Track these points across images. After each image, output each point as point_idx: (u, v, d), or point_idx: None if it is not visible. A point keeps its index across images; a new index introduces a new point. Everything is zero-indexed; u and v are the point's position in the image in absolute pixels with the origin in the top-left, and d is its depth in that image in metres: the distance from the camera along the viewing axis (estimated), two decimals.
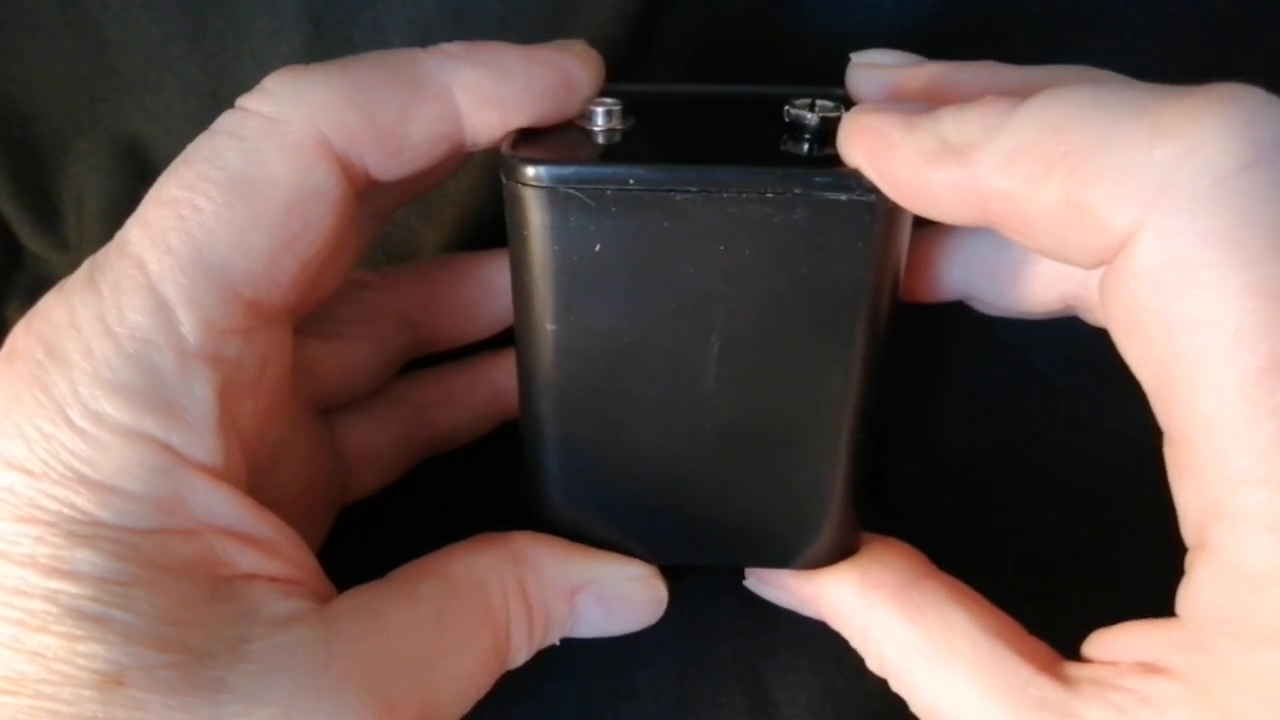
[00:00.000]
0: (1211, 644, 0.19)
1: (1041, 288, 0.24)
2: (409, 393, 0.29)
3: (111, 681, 0.18)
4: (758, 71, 0.28)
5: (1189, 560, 0.19)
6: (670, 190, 0.20)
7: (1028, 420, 0.31)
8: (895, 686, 0.23)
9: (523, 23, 0.28)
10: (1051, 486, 0.31)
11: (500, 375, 0.29)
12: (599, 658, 0.27)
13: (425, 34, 0.28)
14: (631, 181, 0.20)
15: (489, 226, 0.29)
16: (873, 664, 0.24)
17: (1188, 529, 0.19)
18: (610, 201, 0.20)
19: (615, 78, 0.23)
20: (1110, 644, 0.21)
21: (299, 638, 0.20)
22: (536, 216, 0.21)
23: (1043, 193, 0.18)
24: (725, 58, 0.29)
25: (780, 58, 0.28)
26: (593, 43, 0.23)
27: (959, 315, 0.27)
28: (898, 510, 0.30)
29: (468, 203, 0.30)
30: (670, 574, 0.25)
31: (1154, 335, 0.18)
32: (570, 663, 0.27)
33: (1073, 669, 0.21)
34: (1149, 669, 0.20)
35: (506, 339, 0.27)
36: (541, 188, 0.20)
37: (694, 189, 0.20)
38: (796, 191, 0.20)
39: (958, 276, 0.25)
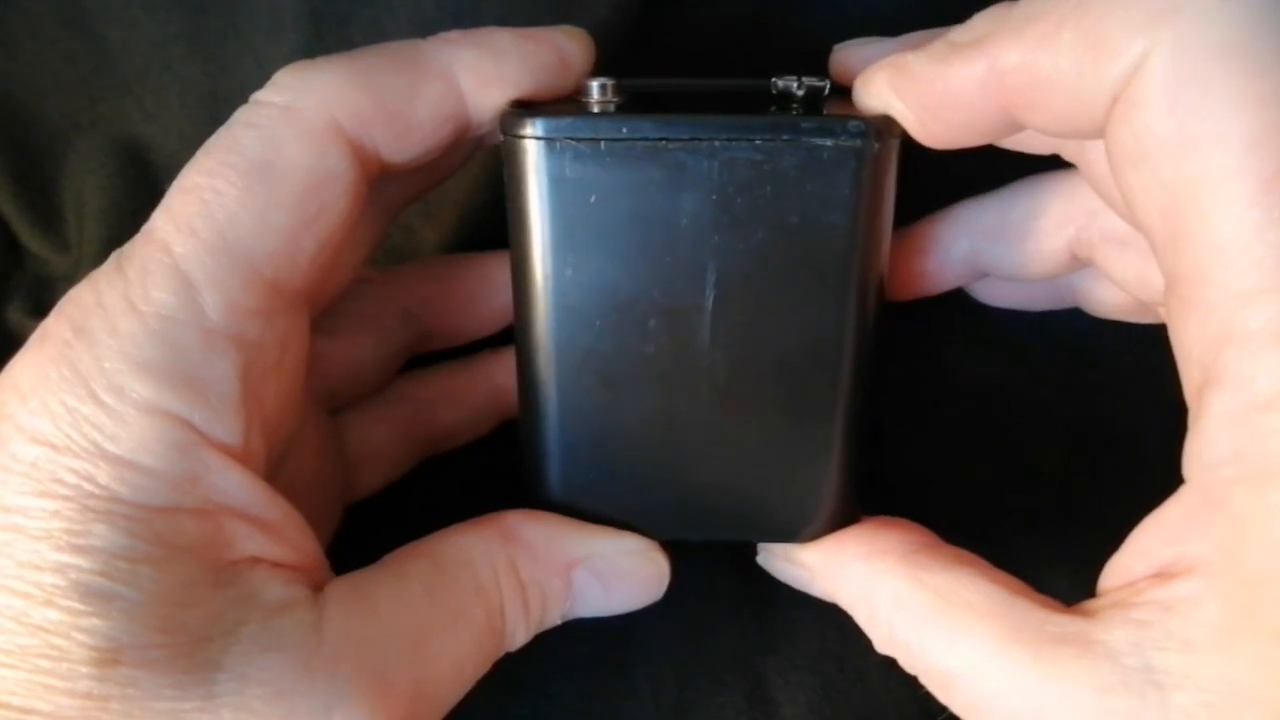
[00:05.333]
0: (1226, 495, 0.18)
1: (1048, 237, 0.24)
2: (410, 390, 0.29)
3: (108, 658, 0.18)
4: (756, 68, 0.28)
5: (1193, 411, 0.18)
6: (663, 139, 0.21)
7: (1026, 419, 0.31)
8: (905, 660, 0.22)
9: (521, 22, 0.27)
10: (1051, 484, 0.31)
11: (500, 374, 0.29)
12: (599, 657, 0.27)
13: (425, 33, 0.28)
14: (625, 131, 0.21)
15: (489, 227, 0.29)
16: (880, 640, 0.23)
17: (1191, 373, 0.18)
18: (605, 152, 0.21)
19: (613, 75, 0.24)
20: (1124, 564, 0.20)
21: (291, 621, 0.20)
22: (533, 168, 0.21)
23: (1057, 47, 0.18)
24: (723, 56, 0.29)
25: (778, 56, 0.28)
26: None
27: (958, 313, 0.27)
28: (897, 509, 0.30)
29: (468, 203, 0.30)
30: (672, 553, 0.25)
31: (1164, 159, 0.18)
32: (570, 662, 0.27)
33: (1089, 604, 0.20)
34: (1165, 575, 0.19)
35: (507, 338, 0.27)
36: (538, 139, 0.21)
37: (685, 138, 0.21)
38: (784, 138, 0.21)
39: (965, 246, 0.25)
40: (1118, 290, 0.25)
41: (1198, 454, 0.18)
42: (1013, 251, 0.25)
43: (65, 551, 0.18)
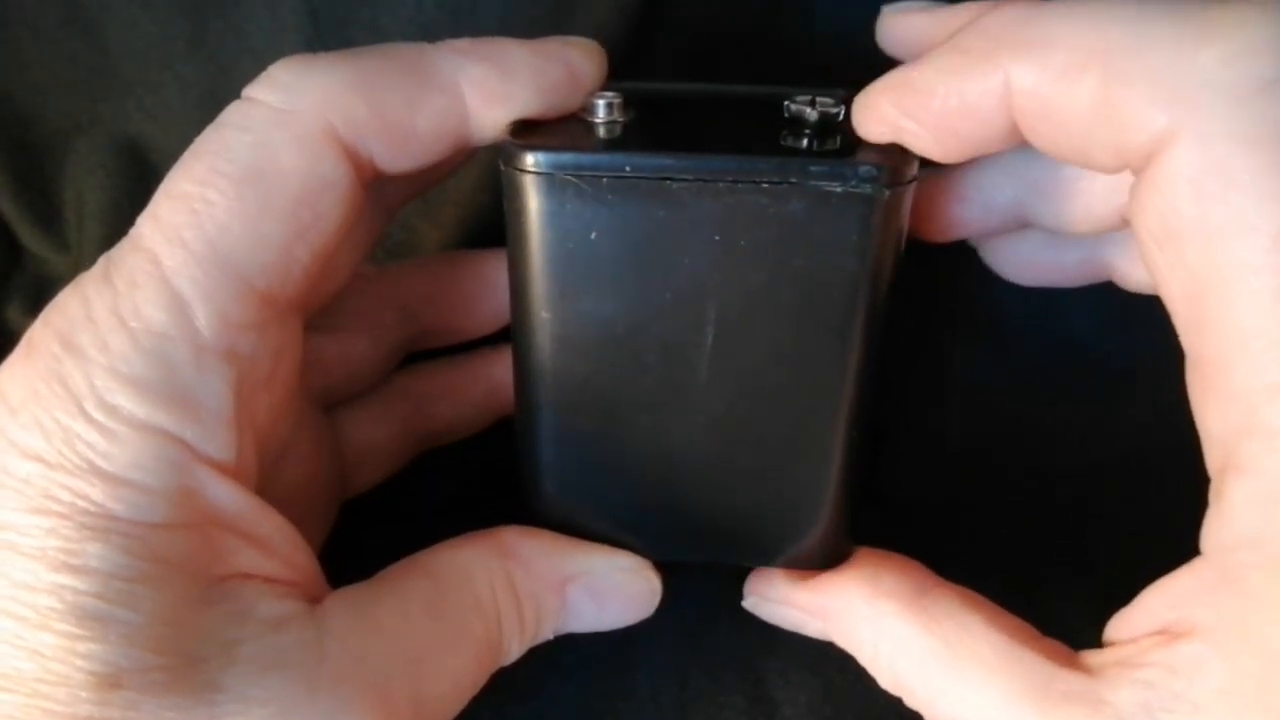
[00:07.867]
0: (1242, 576, 0.18)
1: (1103, 197, 0.23)
2: (408, 386, 0.29)
3: (108, 683, 0.18)
4: (758, 71, 0.28)
5: (1214, 488, 0.19)
6: (666, 178, 0.20)
7: (1027, 419, 0.31)
8: (911, 701, 0.23)
9: (523, 23, 0.28)
10: (1051, 485, 0.30)
11: (499, 371, 0.29)
12: (598, 658, 0.27)
13: (425, 34, 0.28)
14: (628, 169, 0.20)
15: (489, 226, 0.29)
16: (885, 681, 0.23)
17: (1213, 453, 0.19)
18: (606, 189, 0.20)
19: (614, 77, 0.24)
20: (1131, 619, 0.20)
21: (291, 639, 0.20)
22: (533, 203, 0.21)
23: (1076, 89, 0.18)
24: (725, 57, 0.29)
25: (780, 56, 0.28)
26: None
27: (959, 314, 0.27)
28: (896, 508, 0.30)
29: (468, 203, 0.30)
30: (666, 569, 0.25)
31: (1189, 244, 0.18)
32: (569, 663, 0.27)
33: (1094, 657, 0.21)
34: (1172, 636, 0.19)
35: (506, 336, 0.27)
36: (539, 174, 0.21)
37: (689, 177, 0.20)
38: (792, 181, 0.20)
39: (1010, 197, 0.24)
40: None
41: (1216, 534, 0.19)
42: (1064, 208, 0.23)
43: (61, 572, 0.18)
